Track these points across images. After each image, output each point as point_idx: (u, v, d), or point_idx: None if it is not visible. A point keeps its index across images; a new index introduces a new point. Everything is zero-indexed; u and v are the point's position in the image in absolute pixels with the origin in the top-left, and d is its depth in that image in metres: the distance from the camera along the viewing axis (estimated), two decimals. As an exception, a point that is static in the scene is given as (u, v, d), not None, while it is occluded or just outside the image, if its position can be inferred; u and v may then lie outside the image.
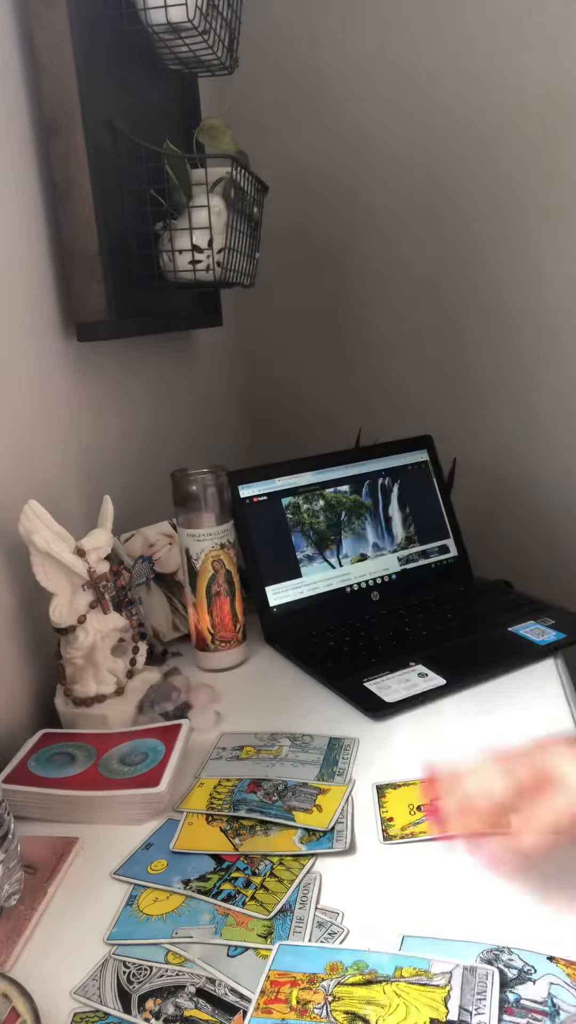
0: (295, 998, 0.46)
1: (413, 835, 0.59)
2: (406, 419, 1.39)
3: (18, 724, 0.80)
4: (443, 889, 0.54)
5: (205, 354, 1.37)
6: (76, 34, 0.79)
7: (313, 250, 1.45)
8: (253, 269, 1.10)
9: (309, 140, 1.39)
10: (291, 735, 0.75)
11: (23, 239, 0.83)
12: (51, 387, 0.89)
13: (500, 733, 0.73)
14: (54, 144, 0.82)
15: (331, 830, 0.61)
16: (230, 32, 1.00)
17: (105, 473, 1.00)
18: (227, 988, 0.47)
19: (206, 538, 0.89)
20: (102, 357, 1.00)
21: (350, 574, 1.03)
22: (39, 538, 0.74)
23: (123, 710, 0.78)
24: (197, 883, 0.56)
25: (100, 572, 0.78)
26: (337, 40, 1.32)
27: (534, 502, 1.39)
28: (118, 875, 0.58)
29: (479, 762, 0.56)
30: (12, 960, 0.51)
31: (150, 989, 0.48)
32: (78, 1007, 0.47)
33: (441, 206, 1.34)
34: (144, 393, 1.13)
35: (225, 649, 0.92)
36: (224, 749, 0.74)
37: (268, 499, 1.00)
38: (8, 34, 0.80)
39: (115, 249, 0.89)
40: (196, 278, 0.97)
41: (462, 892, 0.54)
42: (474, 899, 0.53)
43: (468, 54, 1.25)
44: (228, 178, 0.94)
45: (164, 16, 0.87)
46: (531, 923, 0.51)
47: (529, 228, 1.29)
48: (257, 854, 0.59)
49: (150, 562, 0.98)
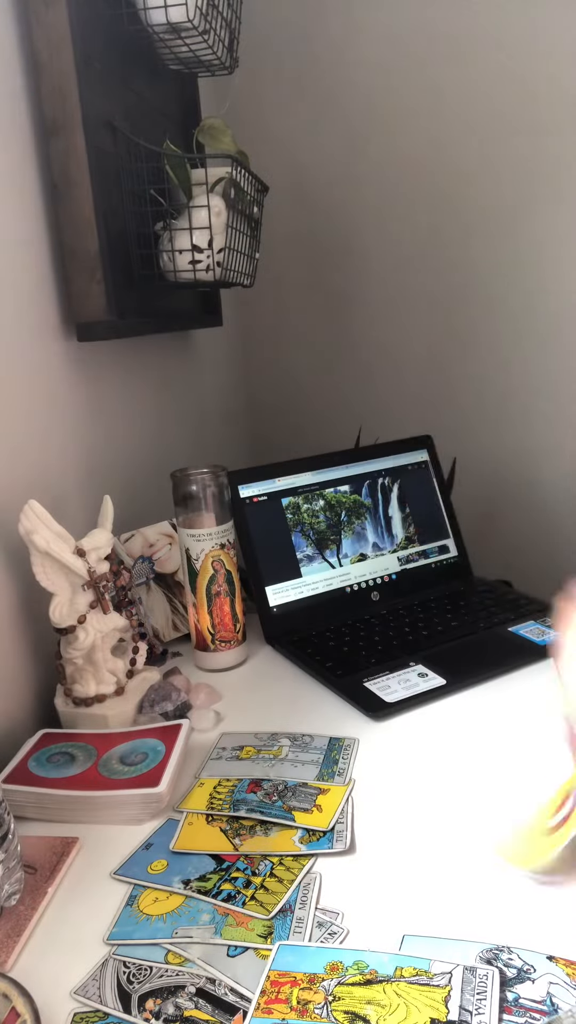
0: (295, 998, 0.46)
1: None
2: (406, 419, 1.39)
3: (18, 724, 0.80)
4: (443, 889, 0.54)
5: (205, 354, 1.37)
6: (76, 34, 0.79)
7: (313, 250, 1.45)
8: (253, 269, 1.10)
9: (309, 140, 1.39)
10: (291, 735, 0.75)
11: (23, 239, 0.83)
12: (51, 387, 0.89)
13: (500, 733, 0.73)
14: (54, 144, 0.82)
15: (331, 830, 0.61)
16: (230, 32, 1.00)
17: (105, 473, 1.00)
18: (227, 988, 0.47)
19: (206, 538, 0.89)
20: (102, 357, 1.00)
21: (350, 574, 1.03)
22: (39, 538, 0.74)
23: (123, 710, 0.78)
24: (197, 883, 0.56)
25: (100, 572, 0.79)
26: (338, 40, 1.32)
27: (534, 502, 1.39)
28: (118, 875, 0.58)
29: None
30: (12, 960, 0.51)
31: (150, 989, 0.48)
32: (78, 1007, 0.47)
33: (442, 205, 1.34)
34: (144, 393, 1.13)
35: (225, 649, 0.92)
36: (224, 749, 0.74)
37: (268, 499, 1.00)
38: (8, 34, 0.80)
39: (115, 249, 0.89)
40: (196, 278, 0.97)
41: (462, 892, 0.54)
42: (474, 899, 0.53)
43: (471, 54, 1.25)
44: (228, 178, 0.94)
45: (164, 16, 0.87)
46: (531, 923, 0.51)
47: (530, 228, 1.29)
48: (257, 854, 0.59)
49: (150, 562, 0.99)
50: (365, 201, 1.38)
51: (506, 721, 0.75)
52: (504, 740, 0.72)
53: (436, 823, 0.61)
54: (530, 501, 1.39)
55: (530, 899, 0.53)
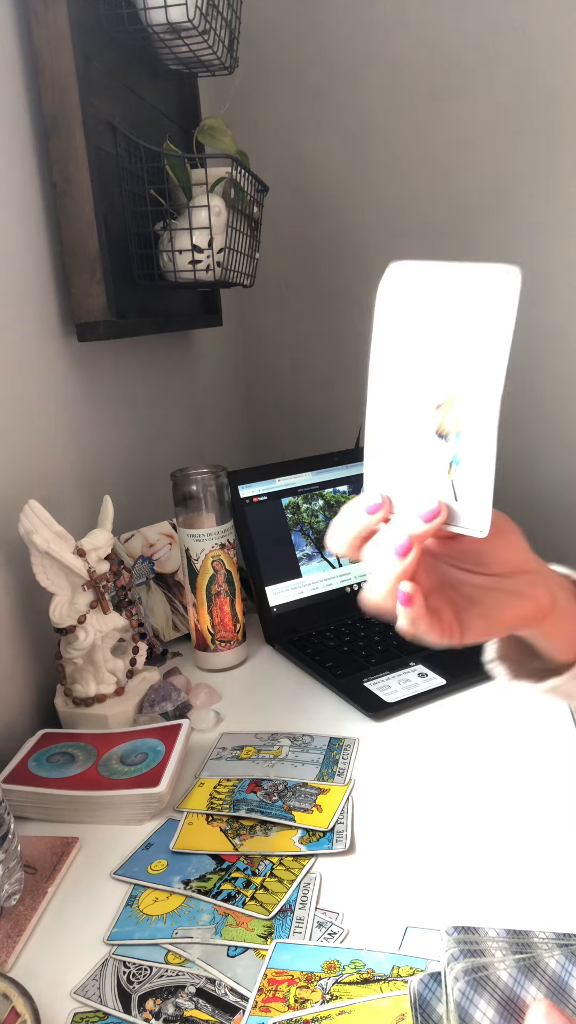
0: (293, 996, 0.46)
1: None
2: (406, 419, 1.39)
3: (18, 724, 0.80)
4: (443, 889, 0.54)
5: (205, 354, 1.37)
6: (76, 34, 0.79)
7: (313, 250, 1.45)
8: (253, 269, 1.10)
9: (309, 140, 1.39)
10: (291, 735, 0.75)
11: (23, 239, 0.83)
12: (51, 387, 0.89)
13: (500, 733, 0.73)
14: (54, 144, 0.82)
15: (331, 830, 0.61)
16: (230, 32, 1.00)
17: (105, 473, 1.00)
18: (227, 988, 0.47)
19: (206, 538, 0.89)
20: (102, 357, 1.00)
21: (350, 574, 1.03)
22: (39, 538, 0.74)
23: (123, 710, 0.78)
24: (197, 883, 0.56)
25: (100, 572, 0.79)
26: (338, 39, 1.32)
27: (534, 500, 1.39)
28: (118, 875, 0.58)
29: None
30: (12, 960, 0.51)
31: (150, 989, 0.48)
32: (78, 1007, 0.47)
33: (442, 205, 1.34)
34: (144, 393, 1.13)
35: (225, 649, 0.92)
36: (224, 749, 0.74)
37: (268, 499, 1.00)
38: (8, 34, 0.80)
39: (115, 249, 0.89)
40: (196, 278, 0.97)
41: (462, 892, 0.54)
42: (474, 899, 0.53)
43: (471, 52, 1.25)
44: (228, 178, 0.94)
45: (164, 16, 0.87)
46: (531, 922, 0.51)
47: (533, 228, 1.29)
48: (257, 854, 0.59)
49: (150, 562, 0.99)
50: (365, 201, 1.38)
51: (506, 721, 0.75)
52: (504, 740, 0.72)
53: (436, 823, 0.61)
54: (530, 499, 1.39)
55: (530, 899, 0.53)
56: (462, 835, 0.60)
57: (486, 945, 0.41)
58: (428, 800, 0.64)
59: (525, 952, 0.40)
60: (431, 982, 0.40)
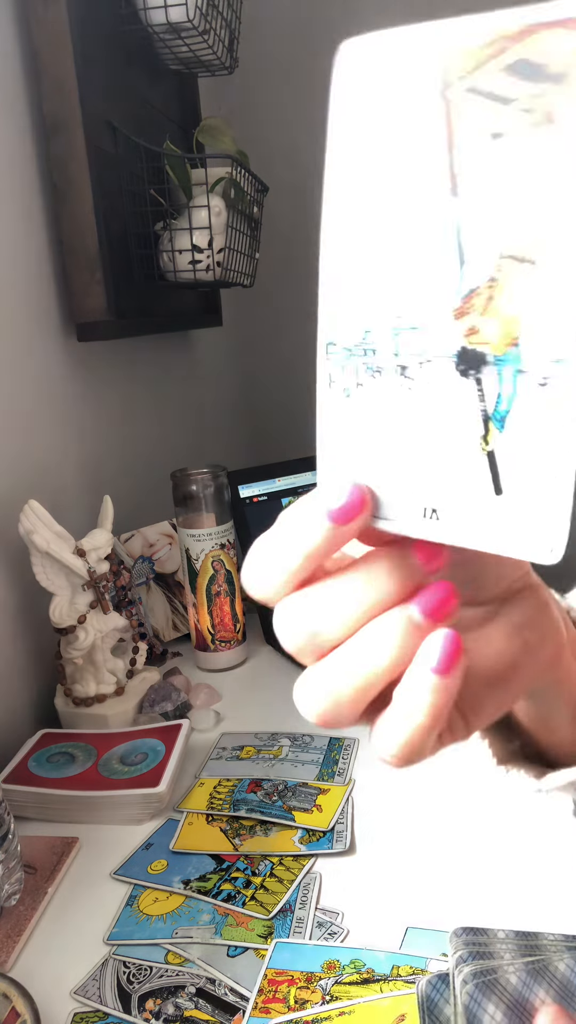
0: (292, 997, 0.46)
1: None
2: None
3: (18, 724, 0.80)
4: (443, 889, 0.54)
5: (205, 354, 1.37)
6: (76, 34, 0.79)
7: (313, 250, 1.43)
8: (253, 269, 1.10)
9: (309, 140, 1.38)
10: (291, 735, 0.75)
11: (23, 239, 0.83)
12: (51, 387, 0.89)
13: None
14: (54, 144, 0.82)
15: (331, 830, 0.61)
16: (230, 32, 1.00)
17: (105, 473, 1.00)
18: (227, 988, 0.47)
19: (206, 538, 0.89)
20: (102, 357, 1.00)
21: (350, 574, 1.03)
22: (39, 538, 0.74)
23: (123, 710, 0.78)
24: (197, 883, 0.56)
25: (100, 572, 0.79)
26: (338, 39, 1.32)
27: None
28: (118, 875, 0.58)
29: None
30: (12, 960, 0.51)
31: (150, 989, 0.48)
32: (78, 1007, 0.47)
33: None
34: (144, 393, 1.13)
35: (225, 649, 0.92)
36: (224, 749, 0.74)
37: (268, 499, 1.00)
38: (8, 34, 0.80)
39: (115, 249, 0.89)
40: (196, 278, 0.97)
41: (462, 892, 0.54)
42: (474, 899, 0.53)
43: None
44: (228, 178, 0.94)
45: (164, 16, 0.87)
46: (531, 923, 0.50)
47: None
48: (257, 854, 0.59)
49: (150, 562, 0.99)
50: (365, 201, 1.38)
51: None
52: (504, 740, 0.72)
53: (436, 823, 0.61)
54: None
55: (530, 899, 0.53)
56: (462, 834, 0.60)
57: (495, 947, 0.41)
58: (428, 800, 0.64)
59: (534, 954, 0.40)
60: (439, 983, 0.40)
